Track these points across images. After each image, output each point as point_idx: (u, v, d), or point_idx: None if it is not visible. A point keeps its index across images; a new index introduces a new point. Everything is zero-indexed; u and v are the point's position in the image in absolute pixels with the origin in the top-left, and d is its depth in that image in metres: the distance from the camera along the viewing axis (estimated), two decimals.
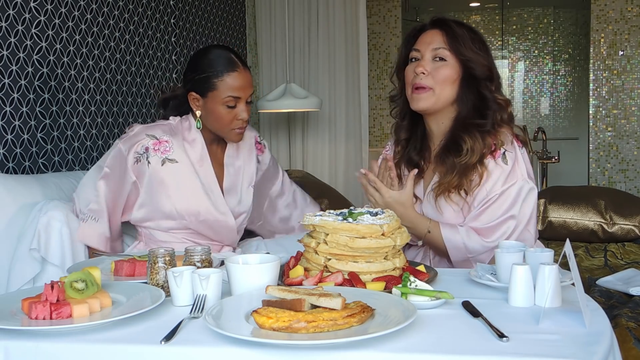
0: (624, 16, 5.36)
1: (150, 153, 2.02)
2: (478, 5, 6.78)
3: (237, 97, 2.00)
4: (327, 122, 4.43)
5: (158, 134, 2.05)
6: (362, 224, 1.41)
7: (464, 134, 1.81)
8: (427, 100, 1.85)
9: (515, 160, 1.81)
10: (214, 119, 2.04)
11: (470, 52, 1.83)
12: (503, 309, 1.28)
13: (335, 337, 1.07)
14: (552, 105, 6.67)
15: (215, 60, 2.02)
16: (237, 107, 2.01)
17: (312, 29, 4.41)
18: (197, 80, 2.03)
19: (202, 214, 2.05)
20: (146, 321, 1.23)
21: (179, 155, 2.05)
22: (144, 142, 2.03)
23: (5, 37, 2.25)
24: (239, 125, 2.04)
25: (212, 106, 2.02)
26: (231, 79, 2.00)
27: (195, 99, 2.05)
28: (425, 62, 1.85)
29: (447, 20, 1.90)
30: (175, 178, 2.03)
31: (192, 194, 2.04)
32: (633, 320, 1.95)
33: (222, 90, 1.99)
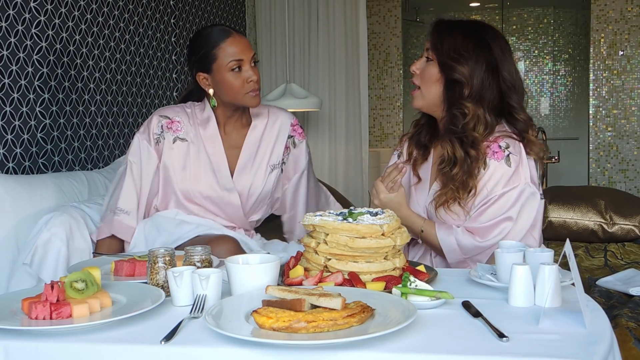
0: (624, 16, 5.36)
1: (165, 132, 2.10)
2: (478, 5, 6.78)
3: (240, 60, 2.04)
4: (327, 122, 4.43)
5: (170, 114, 2.13)
6: (362, 224, 1.41)
7: (443, 141, 1.86)
8: (417, 99, 1.92)
9: (519, 163, 1.81)
10: (225, 89, 2.07)
11: (446, 56, 1.83)
12: (503, 309, 1.28)
13: (335, 337, 1.07)
14: (552, 105, 6.67)
15: (208, 34, 2.09)
16: (243, 70, 2.05)
17: (312, 29, 4.41)
18: (199, 59, 2.08)
19: (206, 190, 2.10)
20: (146, 321, 1.23)
21: (189, 134, 2.11)
22: (159, 123, 2.11)
23: (5, 37, 2.25)
24: (252, 88, 2.06)
25: (220, 77, 2.06)
26: (228, 44, 2.05)
27: (204, 78, 2.09)
28: (420, 62, 1.92)
29: (443, 22, 1.91)
30: (182, 157, 2.10)
31: (196, 172, 2.10)
32: (633, 320, 1.95)
33: (223, 57, 2.04)
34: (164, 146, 2.10)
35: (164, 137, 2.10)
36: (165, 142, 2.10)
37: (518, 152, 1.82)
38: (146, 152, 2.09)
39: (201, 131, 2.13)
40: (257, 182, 2.17)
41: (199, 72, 2.09)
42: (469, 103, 1.81)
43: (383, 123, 6.06)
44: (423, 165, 1.97)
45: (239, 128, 2.19)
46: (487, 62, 1.83)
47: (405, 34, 6.11)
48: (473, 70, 1.82)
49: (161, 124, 2.10)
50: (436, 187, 1.89)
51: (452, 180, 1.81)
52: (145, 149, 2.10)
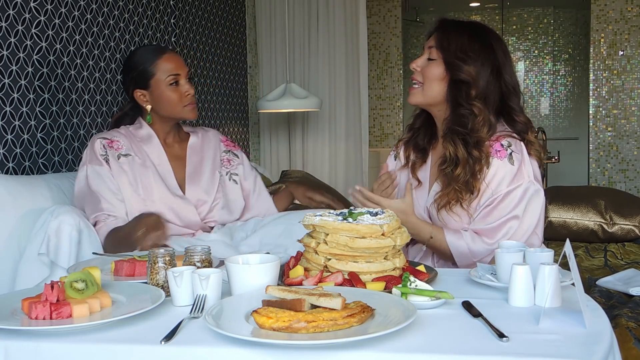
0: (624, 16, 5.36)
1: (108, 150, 2.13)
2: (478, 5, 6.78)
3: (177, 74, 2.15)
4: (327, 122, 4.43)
5: (109, 136, 2.18)
6: (362, 224, 1.41)
7: (446, 142, 1.85)
8: (416, 96, 1.92)
9: (522, 161, 1.81)
10: (164, 103, 2.16)
11: (454, 55, 1.84)
12: (503, 309, 1.28)
13: (335, 337, 1.07)
14: (552, 105, 6.67)
15: (143, 53, 2.20)
16: (180, 85, 2.16)
17: (312, 29, 4.41)
18: (136, 76, 2.17)
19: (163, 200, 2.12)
20: (146, 321, 1.23)
21: (131, 150, 2.16)
22: (100, 144, 2.13)
23: (5, 37, 2.25)
24: (189, 101, 2.17)
25: (158, 92, 2.15)
26: (164, 61, 2.16)
27: (141, 95, 2.18)
28: (421, 59, 1.92)
29: (447, 21, 1.92)
30: (132, 170, 2.13)
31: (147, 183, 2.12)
32: (633, 320, 1.95)
33: (161, 73, 2.15)
34: (112, 164, 2.12)
35: (109, 155, 2.12)
36: (111, 160, 2.12)
37: (520, 150, 1.82)
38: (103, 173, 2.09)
39: (143, 146, 2.19)
40: (208, 188, 2.22)
41: (136, 90, 2.18)
42: (478, 103, 1.82)
43: (383, 123, 6.06)
44: (422, 168, 1.97)
45: (178, 141, 2.28)
46: (492, 64, 1.85)
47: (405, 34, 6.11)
48: (479, 71, 1.83)
49: (102, 144, 2.13)
50: (437, 188, 1.88)
51: (455, 181, 1.81)
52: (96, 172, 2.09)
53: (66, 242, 1.97)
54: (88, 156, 2.13)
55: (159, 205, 2.11)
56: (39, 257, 1.94)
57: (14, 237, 2.02)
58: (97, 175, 2.10)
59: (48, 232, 1.96)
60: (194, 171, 2.24)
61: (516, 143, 1.83)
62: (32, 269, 1.96)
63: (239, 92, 4.25)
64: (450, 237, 1.82)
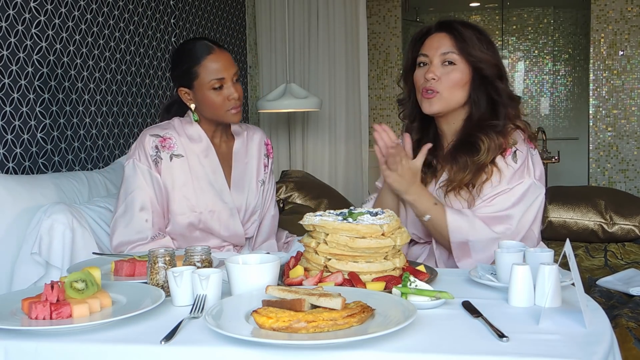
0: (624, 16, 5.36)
1: (160, 151, 2.04)
2: (478, 5, 6.78)
3: (221, 78, 2.04)
4: (327, 122, 4.43)
5: (161, 132, 2.08)
6: (362, 224, 1.41)
7: (480, 134, 1.83)
8: (437, 104, 1.86)
9: (525, 159, 1.82)
10: (206, 106, 2.07)
11: (479, 53, 1.84)
12: (503, 309, 1.28)
13: (335, 337, 1.07)
14: (552, 105, 6.67)
15: (191, 49, 2.07)
16: (225, 88, 2.04)
17: (312, 29, 4.41)
18: (181, 74, 2.08)
19: (210, 205, 2.06)
20: (146, 321, 1.23)
21: (183, 150, 2.07)
22: (152, 143, 2.04)
23: (5, 37, 2.25)
24: (233, 105, 2.05)
25: (201, 94, 2.05)
26: (210, 62, 2.03)
27: (185, 93, 2.09)
28: (435, 67, 1.86)
29: (454, 23, 1.91)
30: (183, 172, 2.05)
31: (199, 187, 2.06)
32: (633, 320, 1.95)
33: (205, 75, 2.03)
34: (162, 166, 2.04)
35: (161, 156, 2.04)
36: (163, 162, 2.04)
37: (523, 148, 1.84)
38: (148, 174, 2.02)
39: (192, 146, 2.10)
40: (251, 197, 2.17)
41: (181, 87, 2.09)
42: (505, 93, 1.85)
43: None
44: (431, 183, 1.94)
45: (225, 141, 2.19)
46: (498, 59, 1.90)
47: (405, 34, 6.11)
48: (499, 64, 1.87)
49: (155, 143, 2.04)
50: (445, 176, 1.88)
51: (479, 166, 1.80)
52: (146, 173, 2.02)
53: (59, 241, 1.96)
54: (136, 152, 2.04)
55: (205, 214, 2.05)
56: (32, 256, 1.94)
57: (13, 237, 2.02)
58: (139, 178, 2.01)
59: (40, 231, 1.96)
60: (240, 178, 2.16)
61: (519, 139, 1.85)
62: (27, 269, 1.96)
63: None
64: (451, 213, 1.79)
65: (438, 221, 1.81)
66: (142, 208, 2.00)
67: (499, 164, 1.81)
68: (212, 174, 2.10)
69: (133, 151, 2.06)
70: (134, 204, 2.01)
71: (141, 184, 2.02)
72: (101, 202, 2.29)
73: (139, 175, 2.02)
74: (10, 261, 2.00)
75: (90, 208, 2.20)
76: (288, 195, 3.63)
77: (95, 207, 2.24)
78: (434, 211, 1.81)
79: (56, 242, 1.96)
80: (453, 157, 1.85)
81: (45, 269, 1.96)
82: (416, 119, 1.98)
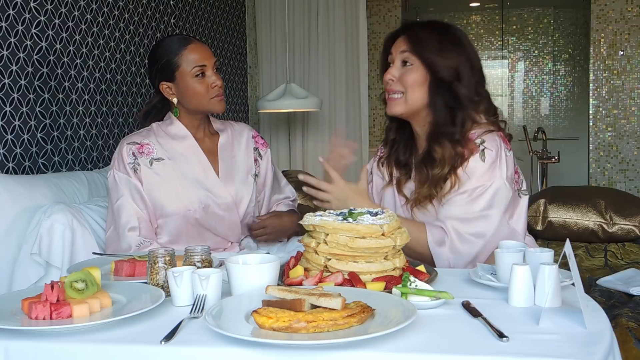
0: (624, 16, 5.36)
1: (138, 157, 2.05)
2: (478, 5, 6.77)
3: (203, 65, 2.04)
4: (327, 122, 4.43)
5: (138, 139, 2.08)
6: (362, 224, 1.41)
7: (434, 144, 1.82)
8: (398, 106, 1.87)
9: (495, 159, 1.79)
10: (190, 96, 2.06)
11: (433, 54, 1.82)
12: (503, 309, 1.28)
13: (335, 337, 1.07)
14: (552, 105, 6.67)
15: (168, 43, 2.09)
16: (207, 76, 2.05)
17: (312, 29, 4.41)
18: (161, 68, 2.07)
19: (203, 201, 2.05)
20: (146, 321, 1.23)
21: (164, 153, 2.07)
22: (129, 150, 2.05)
23: (5, 37, 2.25)
24: (216, 93, 2.06)
25: (184, 85, 2.05)
26: (189, 52, 2.04)
27: (167, 87, 2.08)
28: (395, 68, 1.88)
29: (413, 24, 1.91)
30: (168, 175, 2.05)
31: (189, 185, 2.05)
32: (633, 320, 1.95)
33: (187, 64, 2.04)
34: (142, 173, 2.03)
35: (139, 163, 2.04)
36: (142, 168, 2.04)
37: (494, 147, 1.80)
38: (126, 182, 2.03)
39: (175, 145, 2.09)
40: (242, 190, 2.15)
41: (162, 82, 2.08)
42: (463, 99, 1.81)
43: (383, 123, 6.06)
44: (407, 183, 1.94)
45: (210, 136, 2.18)
46: (466, 57, 1.85)
47: None
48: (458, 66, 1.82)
49: (131, 151, 2.04)
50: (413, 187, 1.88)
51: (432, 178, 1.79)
52: (124, 181, 2.03)
53: (59, 241, 1.96)
54: (115, 162, 2.06)
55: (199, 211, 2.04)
56: (32, 256, 1.94)
57: (13, 237, 2.02)
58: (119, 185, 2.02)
59: (40, 231, 1.96)
60: (227, 171, 2.15)
61: (491, 139, 1.81)
62: (27, 269, 1.96)
63: (239, 92, 4.25)
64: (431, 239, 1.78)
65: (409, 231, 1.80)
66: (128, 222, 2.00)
67: (459, 174, 1.79)
68: (202, 170, 2.09)
69: (112, 162, 2.07)
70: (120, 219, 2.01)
71: (123, 193, 2.02)
72: (101, 202, 2.29)
73: (119, 185, 2.03)
74: (10, 261, 2.00)
75: (90, 208, 2.20)
76: None
77: (95, 206, 2.24)
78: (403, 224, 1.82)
79: (56, 242, 1.96)
80: (418, 170, 1.86)
81: (45, 269, 1.96)
82: (394, 119, 1.98)
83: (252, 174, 2.21)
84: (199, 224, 2.07)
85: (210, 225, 2.08)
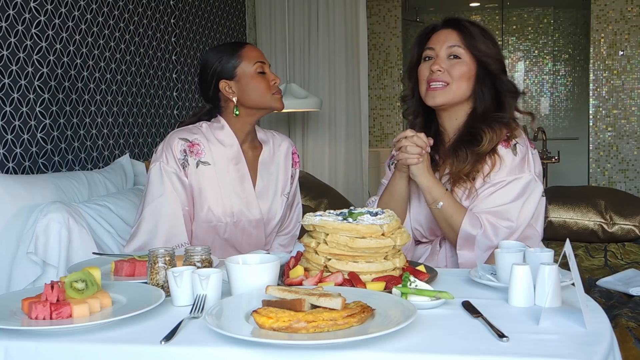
0: (624, 16, 5.36)
1: (188, 155, 1.97)
2: (478, 5, 6.78)
3: (263, 63, 2.04)
4: (327, 122, 4.43)
5: (190, 137, 2.00)
6: (362, 224, 1.41)
7: (484, 126, 1.85)
8: (443, 96, 1.88)
9: (525, 154, 1.85)
10: (252, 91, 2.01)
11: (485, 48, 1.89)
12: (503, 309, 1.28)
13: (335, 337, 1.07)
14: (552, 105, 6.67)
15: (223, 47, 2.08)
16: (267, 74, 2.04)
17: (312, 29, 4.41)
18: (220, 67, 2.02)
19: (236, 214, 2.00)
20: (146, 321, 1.23)
21: (211, 157, 2.00)
22: (180, 146, 1.97)
23: (5, 37, 2.25)
24: (276, 90, 2.04)
25: (246, 81, 2.01)
26: (249, 50, 2.05)
27: (226, 85, 2.02)
28: (441, 59, 1.89)
29: (461, 20, 1.95)
30: (209, 180, 1.98)
31: (226, 195, 1.99)
32: (633, 320, 1.95)
33: (248, 60, 2.02)
34: (189, 171, 1.97)
35: (188, 161, 1.97)
36: (189, 167, 1.97)
37: (524, 143, 1.87)
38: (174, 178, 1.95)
39: (223, 151, 2.02)
40: (274, 208, 2.10)
41: (221, 80, 2.01)
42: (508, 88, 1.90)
43: (383, 123, 6.06)
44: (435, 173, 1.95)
45: (253, 148, 2.12)
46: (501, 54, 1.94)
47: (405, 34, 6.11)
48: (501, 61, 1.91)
49: (183, 147, 1.97)
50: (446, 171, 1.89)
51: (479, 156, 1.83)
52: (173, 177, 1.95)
53: (55, 240, 1.95)
54: (163, 154, 1.97)
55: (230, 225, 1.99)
56: (28, 256, 1.94)
57: (11, 237, 2.02)
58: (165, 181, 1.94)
59: (36, 230, 1.95)
60: (264, 187, 2.09)
61: (522, 136, 1.88)
62: (25, 268, 1.96)
63: None
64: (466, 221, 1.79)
65: (450, 209, 1.81)
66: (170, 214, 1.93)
67: (500, 152, 1.83)
68: (240, 183, 2.03)
69: (160, 153, 1.98)
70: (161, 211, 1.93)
71: (168, 189, 1.94)
72: (100, 201, 2.29)
73: (165, 180, 1.94)
74: (8, 261, 2.00)
75: (88, 206, 2.20)
76: None
77: (94, 205, 2.24)
78: (447, 199, 1.82)
79: (52, 241, 1.96)
80: (454, 151, 1.88)
81: (42, 268, 1.96)
82: (419, 115, 2.00)
83: (285, 193, 2.14)
84: (227, 236, 2.02)
85: (237, 240, 2.03)
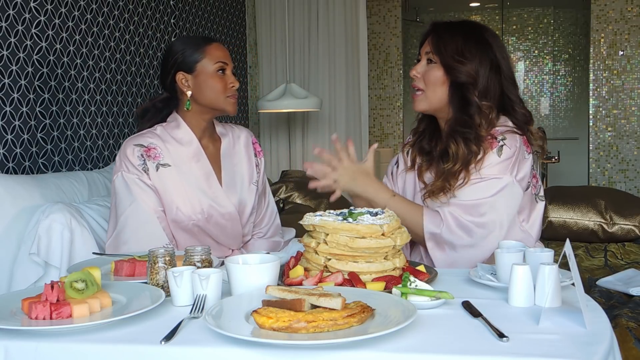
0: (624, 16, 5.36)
1: (146, 160, 1.97)
2: (478, 5, 6.78)
3: (225, 63, 2.03)
4: (327, 122, 4.43)
5: (144, 142, 1.99)
6: (362, 224, 1.41)
7: (449, 140, 1.84)
8: (421, 102, 1.90)
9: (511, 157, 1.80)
10: (207, 89, 2.01)
11: (451, 59, 1.83)
12: (503, 309, 1.28)
13: (335, 337, 1.07)
14: (552, 105, 6.67)
15: (190, 38, 2.08)
16: (226, 75, 2.03)
17: (312, 29, 4.41)
18: (181, 59, 2.02)
19: (206, 211, 2.00)
20: (146, 321, 1.23)
21: (170, 158, 2.00)
22: (136, 152, 1.96)
23: (5, 37, 2.25)
24: (232, 93, 2.03)
25: (204, 77, 2.01)
26: (214, 48, 2.03)
27: (183, 78, 2.02)
28: (420, 65, 1.90)
29: (440, 24, 1.92)
30: (172, 182, 1.98)
31: (192, 194, 2.00)
32: (633, 320, 1.95)
33: (210, 57, 2.01)
34: (151, 175, 1.96)
35: (147, 166, 1.96)
36: (150, 172, 1.95)
37: (513, 146, 1.81)
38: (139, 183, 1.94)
39: (181, 151, 2.01)
40: (245, 198, 2.11)
41: (179, 72, 2.01)
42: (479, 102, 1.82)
43: (383, 123, 6.06)
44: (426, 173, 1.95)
45: (213, 142, 2.12)
46: (490, 60, 1.85)
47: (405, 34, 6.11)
48: (478, 70, 1.83)
49: (139, 153, 1.96)
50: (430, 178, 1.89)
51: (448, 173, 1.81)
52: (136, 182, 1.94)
53: (57, 241, 1.95)
54: (122, 164, 1.96)
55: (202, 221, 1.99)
56: (30, 257, 1.94)
57: (12, 237, 2.02)
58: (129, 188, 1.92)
59: (39, 231, 1.95)
60: (230, 179, 2.09)
61: (513, 139, 1.82)
62: (26, 269, 1.96)
63: (239, 92, 4.25)
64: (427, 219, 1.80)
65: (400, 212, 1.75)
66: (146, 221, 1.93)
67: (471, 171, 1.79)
68: (205, 179, 2.03)
69: (119, 164, 1.97)
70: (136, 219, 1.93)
71: (137, 196, 1.94)
72: (100, 201, 2.29)
73: (132, 187, 1.94)
74: (9, 261, 2.00)
75: (89, 207, 2.20)
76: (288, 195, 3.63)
77: (95, 205, 2.24)
78: (394, 202, 1.82)
79: (55, 242, 1.96)
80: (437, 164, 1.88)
81: (44, 269, 1.96)
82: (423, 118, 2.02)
83: (253, 181, 2.16)
84: (202, 232, 2.03)
85: (213, 234, 2.05)
